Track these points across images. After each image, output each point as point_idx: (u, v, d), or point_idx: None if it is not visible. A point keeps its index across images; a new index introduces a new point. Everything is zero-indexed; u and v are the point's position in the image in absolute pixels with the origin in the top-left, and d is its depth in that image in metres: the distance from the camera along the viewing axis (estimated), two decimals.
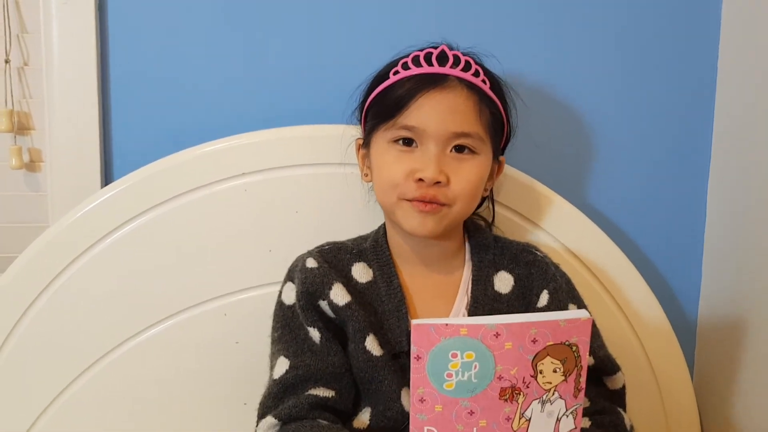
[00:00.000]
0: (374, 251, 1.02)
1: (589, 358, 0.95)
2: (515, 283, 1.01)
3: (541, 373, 0.78)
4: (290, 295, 1.00)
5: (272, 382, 0.97)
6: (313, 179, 1.15)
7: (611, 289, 1.20)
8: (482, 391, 0.77)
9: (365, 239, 1.05)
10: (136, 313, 1.14)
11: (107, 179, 1.22)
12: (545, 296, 1.01)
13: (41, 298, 1.13)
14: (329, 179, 1.14)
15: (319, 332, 0.97)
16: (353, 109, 1.05)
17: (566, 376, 0.79)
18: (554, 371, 0.78)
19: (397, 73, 0.97)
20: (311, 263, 1.00)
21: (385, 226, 1.04)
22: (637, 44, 1.26)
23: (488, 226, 1.10)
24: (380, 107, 0.98)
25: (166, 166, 1.14)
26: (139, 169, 1.14)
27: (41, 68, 1.19)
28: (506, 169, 1.10)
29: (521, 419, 0.79)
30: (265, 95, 1.22)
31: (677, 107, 1.28)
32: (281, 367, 0.97)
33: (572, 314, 0.80)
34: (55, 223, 1.15)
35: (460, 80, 0.96)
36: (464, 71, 0.96)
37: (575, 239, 1.19)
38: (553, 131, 1.26)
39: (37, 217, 1.23)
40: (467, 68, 0.97)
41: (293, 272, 1.02)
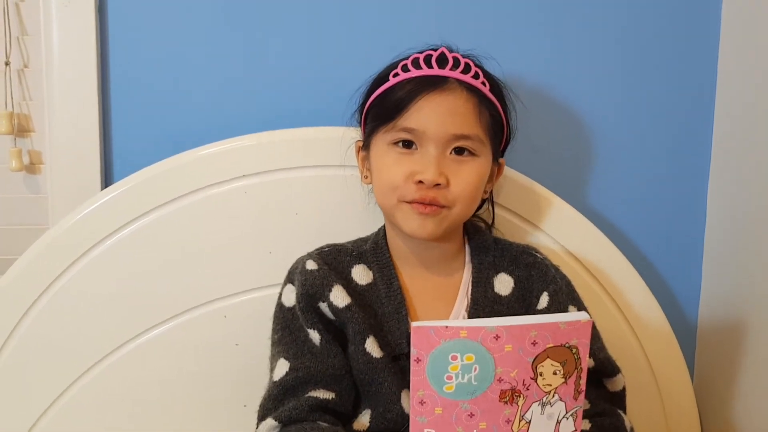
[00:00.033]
0: (374, 253, 1.02)
1: (589, 360, 0.96)
2: (515, 285, 1.01)
3: (541, 375, 0.78)
4: (290, 297, 1.00)
5: (272, 384, 0.97)
6: (313, 181, 1.15)
7: (611, 291, 1.20)
8: (482, 393, 0.77)
9: (365, 241, 1.05)
10: (135, 315, 1.14)
11: (107, 181, 1.22)
12: (545, 298, 1.01)
13: (41, 299, 1.13)
14: (329, 181, 1.14)
15: (319, 334, 0.97)
16: (353, 111, 1.05)
17: (566, 378, 0.79)
18: (554, 373, 0.78)
19: (396, 75, 0.97)
20: (311, 265, 1.00)
21: (385, 228, 1.04)
22: (637, 45, 1.26)
23: (488, 228, 1.10)
24: (380, 109, 0.98)
25: (166, 167, 1.14)
26: (139, 171, 1.14)
27: (41, 70, 1.19)
28: (506, 170, 1.09)
29: (521, 421, 0.79)
30: (265, 97, 1.22)
31: (677, 108, 1.27)
32: (281, 369, 0.97)
33: (572, 316, 0.80)
34: (55, 225, 1.15)
35: (459, 82, 0.96)
36: (464, 73, 0.96)
37: (575, 241, 1.19)
38: (552, 133, 1.26)
39: (37, 219, 1.23)
40: (467, 70, 0.96)
41: (293, 274, 1.02)
